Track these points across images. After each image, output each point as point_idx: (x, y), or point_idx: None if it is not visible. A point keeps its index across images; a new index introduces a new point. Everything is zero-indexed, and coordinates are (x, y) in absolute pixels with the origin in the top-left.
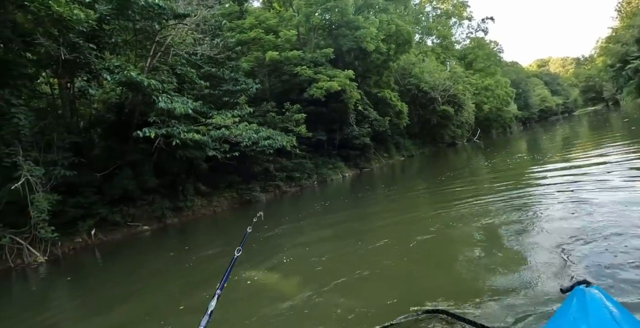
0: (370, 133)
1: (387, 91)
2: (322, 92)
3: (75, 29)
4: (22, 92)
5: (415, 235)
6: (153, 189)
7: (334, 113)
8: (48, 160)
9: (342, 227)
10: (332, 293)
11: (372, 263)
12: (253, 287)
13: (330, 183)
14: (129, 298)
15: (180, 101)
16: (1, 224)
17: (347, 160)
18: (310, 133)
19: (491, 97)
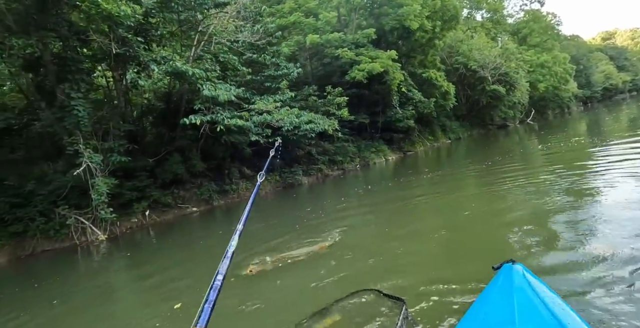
0: (414, 115)
1: (433, 71)
2: (363, 74)
3: (124, 24)
4: (80, 86)
5: (458, 219)
6: (200, 173)
7: (377, 95)
8: (105, 148)
9: (383, 210)
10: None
11: (411, 244)
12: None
13: (373, 166)
14: (178, 269)
15: (223, 88)
16: (67, 206)
17: (390, 143)
18: (353, 116)
19: (547, 75)
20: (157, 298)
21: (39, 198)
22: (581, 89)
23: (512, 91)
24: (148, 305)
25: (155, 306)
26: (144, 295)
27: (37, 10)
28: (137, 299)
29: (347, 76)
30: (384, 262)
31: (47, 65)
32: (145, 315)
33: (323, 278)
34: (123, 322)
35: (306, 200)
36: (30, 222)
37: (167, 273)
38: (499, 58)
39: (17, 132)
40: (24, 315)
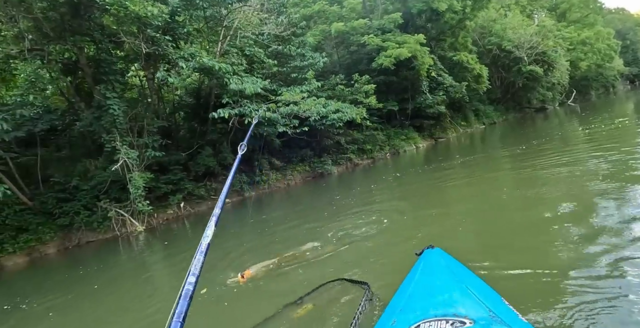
0: (445, 100)
1: (464, 54)
2: (391, 61)
3: (152, 24)
4: (114, 86)
5: (490, 206)
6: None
7: (405, 81)
8: (141, 144)
9: (413, 197)
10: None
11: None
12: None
13: (403, 154)
14: (213, 255)
15: (250, 81)
16: (108, 200)
17: (420, 130)
18: (381, 104)
19: (590, 52)
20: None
21: (82, 193)
22: (628, 67)
23: (550, 71)
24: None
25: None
26: (179, 282)
27: (71, 17)
28: (170, 284)
29: (374, 63)
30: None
31: (83, 68)
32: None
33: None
34: (155, 304)
35: (335, 189)
36: (76, 216)
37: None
38: (535, 36)
39: (61, 132)
40: (70, 295)
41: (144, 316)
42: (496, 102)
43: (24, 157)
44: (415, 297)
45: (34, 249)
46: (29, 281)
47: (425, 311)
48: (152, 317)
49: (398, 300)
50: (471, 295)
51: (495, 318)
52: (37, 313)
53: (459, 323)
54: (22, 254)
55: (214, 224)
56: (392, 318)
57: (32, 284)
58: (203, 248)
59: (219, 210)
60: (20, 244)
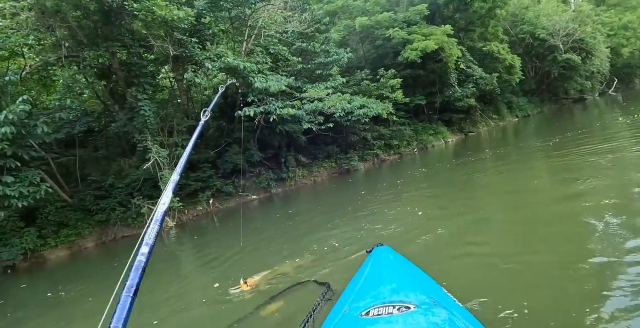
0: (475, 93)
1: (495, 44)
2: (417, 54)
3: (179, 27)
4: (145, 89)
5: (521, 201)
6: (259, 163)
7: (433, 75)
8: (171, 143)
9: (440, 193)
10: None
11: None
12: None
13: (432, 150)
14: (241, 249)
15: (274, 79)
16: (141, 197)
17: (450, 124)
18: (408, 98)
19: (633, 38)
20: (212, 278)
21: (118, 191)
22: None
23: (589, 60)
24: (204, 285)
25: (209, 285)
26: (206, 274)
27: (103, 24)
28: (197, 278)
29: (400, 57)
30: (432, 248)
31: (116, 72)
32: (200, 292)
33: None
34: (182, 294)
35: (362, 185)
36: (112, 212)
37: (228, 253)
38: (571, 23)
39: (98, 133)
40: (107, 282)
41: (170, 305)
42: (530, 94)
43: (64, 157)
44: (365, 288)
45: (74, 243)
46: (70, 272)
47: (375, 299)
48: (177, 306)
49: (350, 292)
50: (415, 285)
51: (436, 304)
52: (77, 299)
53: (405, 308)
54: (63, 248)
55: (171, 191)
56: (344, 307)
57: (72, 275)
58: (158, 217)
59: (178, 177)
60: (62, 239)
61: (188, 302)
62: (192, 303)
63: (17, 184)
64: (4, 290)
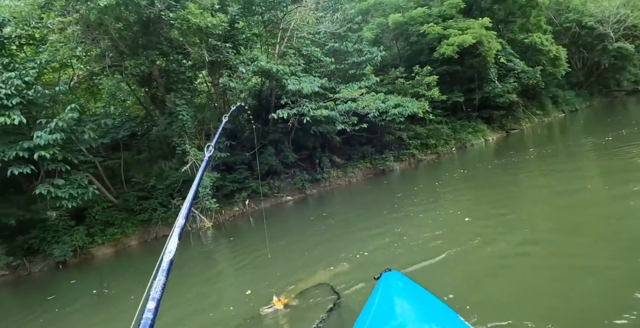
0: (517, 88)
1: (537, 35)
2: (453, 49)
3: (213, 33)
4: (183, 94)
5: (570, 206)
6: (293, 164)
7: (471, 70)
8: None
9: (481, 196)
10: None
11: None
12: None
13: (471, 148)
14: (275, 250)
15: (307, 81)
16: (180, 198)
17: (490, 122)
18: (445, 95)
19: None
20: (244, 282)
21: (159, 192)
22: None
23: None
24: (237, 287)
25: (239, 290)
26: (238, 280)
27: (142, 34)
28: (230, 280)
29: (435, 53)
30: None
31: (156, 79)
32: (230, 297)
33: None
34: (217, 293)
35: (397, 186)
36: (153, 212)
37: (263, 254)
38: (622, 8)
39: (140, 137)
40: (147, 282)
41: (204, 305)
42: (578, 87)
43: (110, 160)
44: (376, 321)
45: (119, 241)
46: (114, 269)
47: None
48: (211, 310)
49: (361, 325)
50: (428, 317)
51: None
52: (119, 296)
53: None
54: (109, 245)
55: (177, 237)
56: None
57: (116, 272)
58: (165, 266)
59: (183, 221)
60: (108, 237)
61: (218, 310)
62: (221, 314)
63: (67, 186)
64: (55, 285)
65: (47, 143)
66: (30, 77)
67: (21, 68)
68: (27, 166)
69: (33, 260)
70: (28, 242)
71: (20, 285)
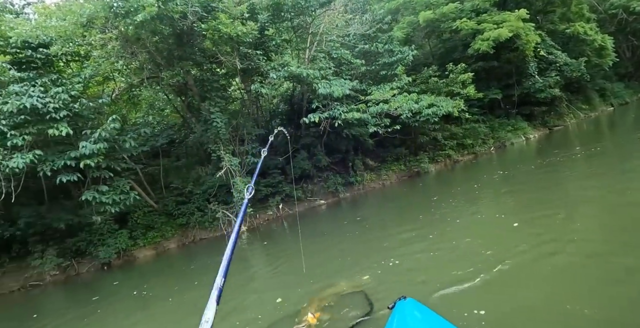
0: (559, 82)
1: (580, 24)
2: (489, 44)
3: (244, 41)
4: (216, 102)
5: (626, 211)
6: (326, 167)
7: (508, 65)
8: (242, 151)
9: (524, 198)
10: None
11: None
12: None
13: (511, 148)
14: (308, 255)
15: (338, 84)
16: (217, 202)
17: (530, 118)
18: (481, 93)
19: None
20: (275, 287)
21: (196, 197)
22: None
23: None
24: (268, 293)
25: (270, 296)
26: (269, 284)
27: (177, 46)
28: (261, 286)
29: (469, 49)
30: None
31: (191, 88)
32: (260, 303)
33: None
34: (240, 309)
35: (433, 189)
36: (191, 216)
37: (293, 265)
38: None
39: (178, 144)
40: (185, 284)
41: (231, 311)
42: (627, 78)
43: (150, 167)
44: None
45: (159, 244)
46: (154, 271)
47: None
48: (237, 317)
49: None
50: None
51: None
52: (158, 298)
53: None
54: (150, 248)
55: (215, 302)
56: None
57: (156, 274)
58: None
59: (222, 281)
60: (149, 240)
61: (244, 316)
62: (247, 321)
63: (111, 192)
64: (99, 286)
65: (92, 152)
66: (76, 91)
67: (68, 83)
68: (74, 174)
69: (81, 262)
70: (76, 245)
71: (69, 284)
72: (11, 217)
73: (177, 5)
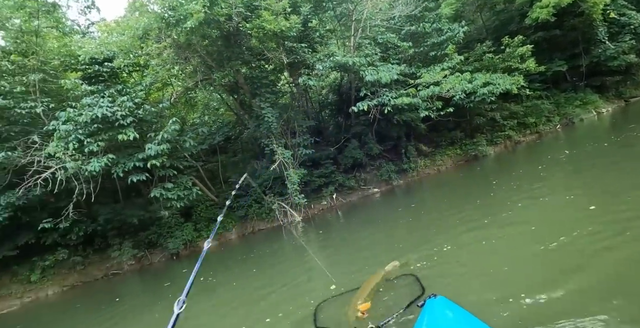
0: (635, 46)
1: None
2: (549, 11)
3: (288, 36)
4: (266, 97)
5: None
6: (378, 155)
7: (573, 32)
8: (294, 144)
9: (598, 183)
10: None
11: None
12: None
13: (580, 124)
14: (364, 240)
15: (385, 70)
16: (272, 194)
17: (602, 90)
18: (543, 66)
19: None
20: (328, 274)
21: (253, 190)
22: None
23: None
24: (321, 279)
25: (323, 283)
26: (321, 271)
27: (225, 47)
28: (314, 272)
29: (527, 19)
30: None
31: (242, 86)
32: (313, 289)
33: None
34: (307, 286)
35: (492, 173)
36: (249, 208)
37: (352, 246)
38: None
39: (234, 140)
40: (247, 273)
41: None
42: None
43: (209, 163)
44: None
45: (221, 235)
46: (218, 260)
47: None
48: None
49: None
50: None
51: None
52: (223, 285)
53: None
54: (213, 239)
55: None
56: None
57: (220, 262)
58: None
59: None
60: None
61: (298, 302)
62: (300, 305)
63: (175, 189)
64: (171, 273)
65: (157, 153)
66: (139, 99)
67: (131, 92)
68: (143, 174)
69: (153, 252)
70: (148, 237)
71: (144, 272)
72: (92, 214)
73: (222, 8)
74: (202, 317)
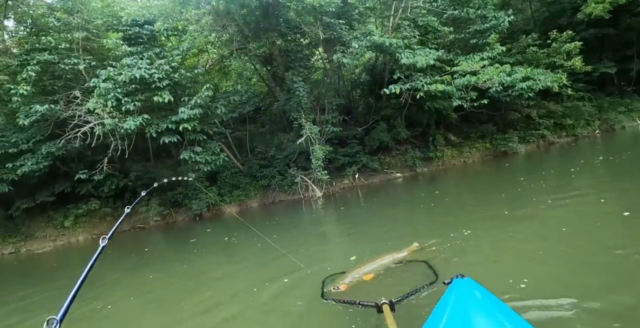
0: None
1: None
2: (604, 7)
3: (327, 11)
4: (299, 71)
5: None
6: (405, 140)
7: (629, 33)
8: (322, 120)
9: (633, 192)
10: None
11: None
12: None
13: (621, 132)
14: (384, 220)
15: (422, 54)
16: (296, 168)
17: None
18: (589, 66)
19: None
20: (348, 246)
21: (277, 161)
22: None
23: None
24: (341, 250)
25: (343, 254)
26: (342, 244)
27: (262, 18)
28: (334, 245)
29: (579, 13)
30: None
31: (276, 58)
32: (332, 258)
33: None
34: (323, 255)
35: (520, 170)
36: (272, 179)
37: (366, 229)
38: None
39: (263, 112)
40: (269, 236)
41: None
42: None
43: (238, 132)
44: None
45: (243, 202)
46: (239, 224)
47: None
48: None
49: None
50: (504, 325)
51: None
52: (245, 243)
53: None
54: (235, 204)
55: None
56: None
57: (240, 227)
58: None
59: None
60: (234, 197)
61: (316, 266)
62: (317, 272)
63: (204, 153)
64: (196, 231)
65: (189, 117)
66: (176, 63)
67: (169, 55)
68: (175, 136)
69: (178, 211)
70: (174, 197)
71: (168, 229)
72: (124, 170)
73: None
74: (218, 271)
